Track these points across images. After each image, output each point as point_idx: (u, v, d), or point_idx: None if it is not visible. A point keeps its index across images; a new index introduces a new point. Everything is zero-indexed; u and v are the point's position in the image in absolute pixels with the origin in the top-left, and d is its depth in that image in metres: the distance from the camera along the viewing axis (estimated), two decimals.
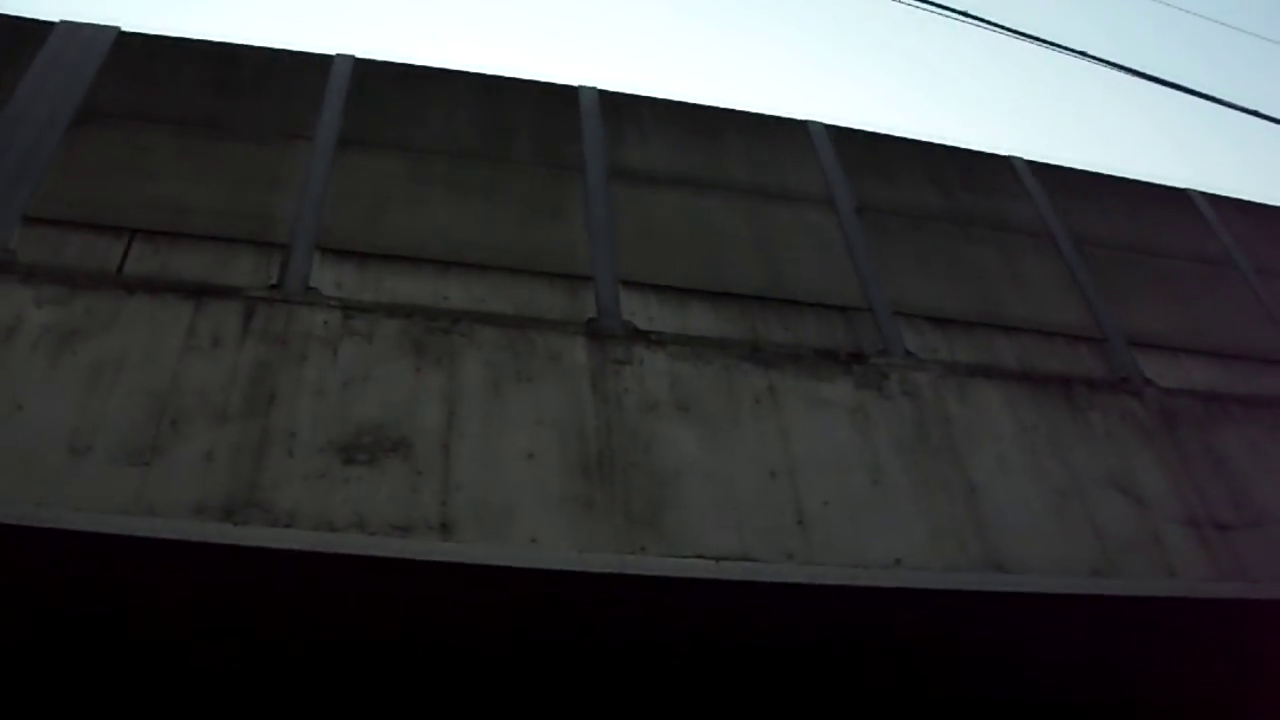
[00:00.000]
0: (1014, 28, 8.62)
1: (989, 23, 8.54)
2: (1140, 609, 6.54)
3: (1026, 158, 9.81)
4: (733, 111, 8.83)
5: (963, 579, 6.08)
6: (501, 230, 7.12)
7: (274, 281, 6.31)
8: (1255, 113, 9.49)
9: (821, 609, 5.93)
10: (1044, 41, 8.68)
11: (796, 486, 6.10)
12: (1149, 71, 9.47)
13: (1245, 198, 11.14)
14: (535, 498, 5.61)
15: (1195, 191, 10.62)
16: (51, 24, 7.60)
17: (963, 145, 9.62)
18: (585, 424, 5.96)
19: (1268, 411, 8.28)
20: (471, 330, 6.23)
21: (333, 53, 8.08)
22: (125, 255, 6.34)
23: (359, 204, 7.04)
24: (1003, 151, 9.81)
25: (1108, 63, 8.81)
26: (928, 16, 8.62)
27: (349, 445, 5.50)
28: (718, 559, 5.65)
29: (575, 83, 8.45)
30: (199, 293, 6.07)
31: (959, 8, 8.91)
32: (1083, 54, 8.84)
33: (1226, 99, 9.67)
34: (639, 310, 6.78)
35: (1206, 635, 6.96)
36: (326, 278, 6.43)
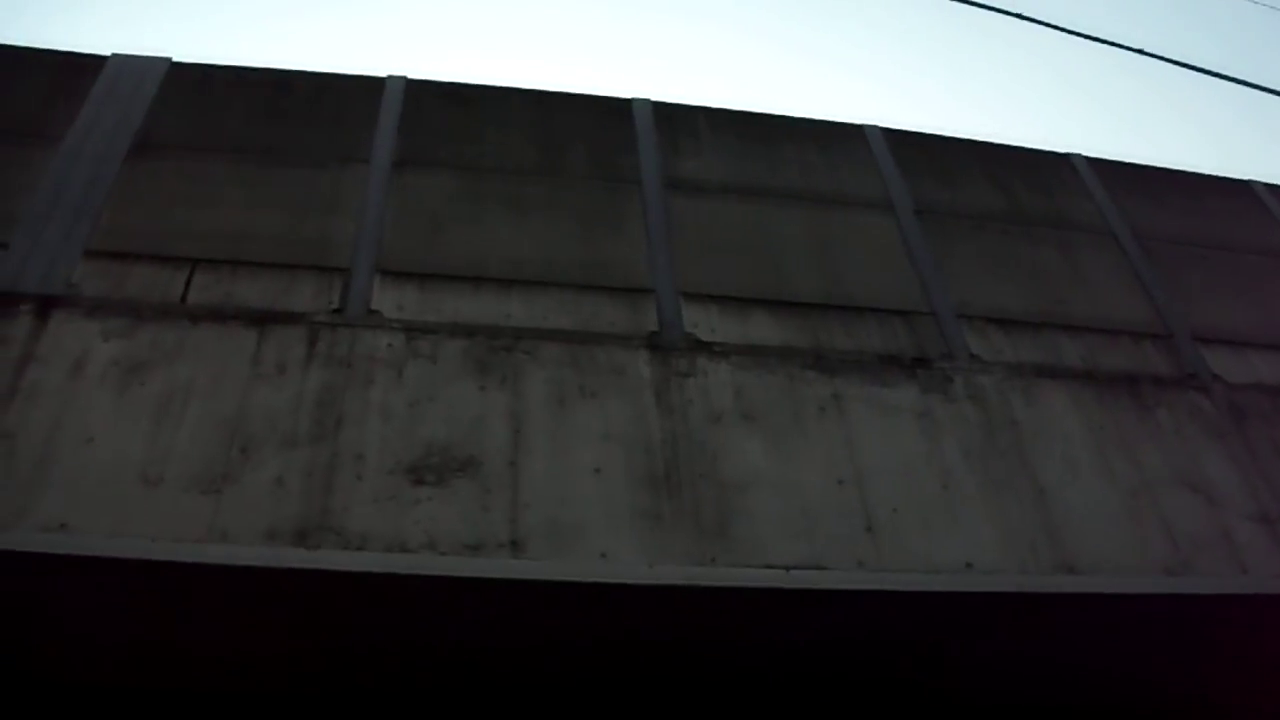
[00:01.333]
0: (1069, 28, 8.58)
1: (1046, 24, 8.51)
2: (1213, 606, 6.52)
3: (1086, 155, 9.78)
4: (786, 118, 8.89)
5: (1035, 581, 6.11)
6: (560, 246, 7.22)
7: (336, 306, 6.45)
8: None
9: (893, 615, 5.98)
10: (1102, 40, 8.66)
11: (865, 494, 6.14)
12: (1203, 65, 9.41)
13: None
14: (603, 512, 5.69)
15: (1258, 183, 10.58)
16: (104, 58, 7.79)
17: (1021, 144, 9.60)
18: (651, 437, 6.03)
19: None
20: (534, 347, 6.34)
21: (384, 74, 8.21)
22: (188, 285, 6.49)
23: (417, 225, 7.17)
24: (1061, 149, 9.77)
25: (1163, 58, 8.77)
26: (971, 15, 8.64)
27: (417, 466, 5.61)
28: (788, 568, 5.71)
29: (628, 95, 8.52)
30: (263, 320, 6.21)
31: (1014, 9, 8.84)
32: (1140, 51, 8.80)
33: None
34: (700, 321, 6.86)
35: (1275, 632, 6.95)
36: (388, 300, 6.55)
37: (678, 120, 8.52)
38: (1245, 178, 10.59)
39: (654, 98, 8.56)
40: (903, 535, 6.06)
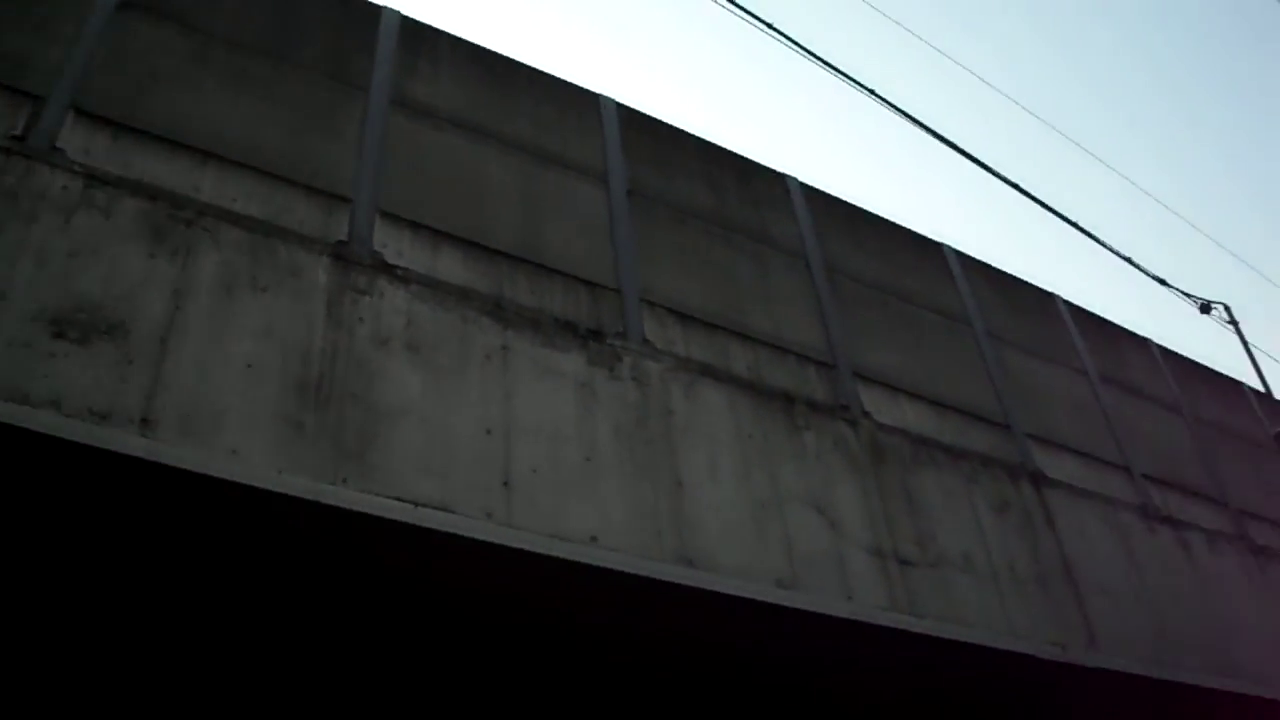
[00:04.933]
0: (817, 52, 9.02)
1: (789, 39, 8.93)
2: (815, 624, 7.02)
3: (801, 179, 10.34)
4: (530, 69, 9.15)
5: (652, 566, 6.56)
6: (270, 132, 7.23)
7: (18, 132, 6.14)
8: (1017, 186, 10.20)
9: (511, 572, 6.24)
10: (838, 71, 9.14)
11: (510, 448, 6.43)
12: (932, 126, 10.08)
13: (995, 263, 11.99)
14: (245, 409, 5.86)
15: (949, 247, 11.49)
16: None
17: (744, 154, 10.04)
18: (312, 345, 6.19)
19: (968, 464, 9.07)
20: (216, 227, 6.39)
21: None
22: None
23: (130, 72, 7.02)
24: (780, 168, 10.26)
25: (890, 104, 9.35)
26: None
27: (62, 319, 5.58)
28: (417, 504, 5.95)
29: (381, 1, 8.44)
30: None
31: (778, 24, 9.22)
32: (871, 92, 9.34)
33: (998, 169, 10.39)
34: (391, 243, 7.02)
35: (869, 659, 7.52)
36: (76, 141, 6.41)
37: (425, 41, 8.60)
38: (940, 239, 11.33)
39: (405, 12, 8.49)
40: (537, 496, 6.40)
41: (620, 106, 9.51)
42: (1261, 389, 13.41)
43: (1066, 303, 12.90)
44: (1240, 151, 59.34)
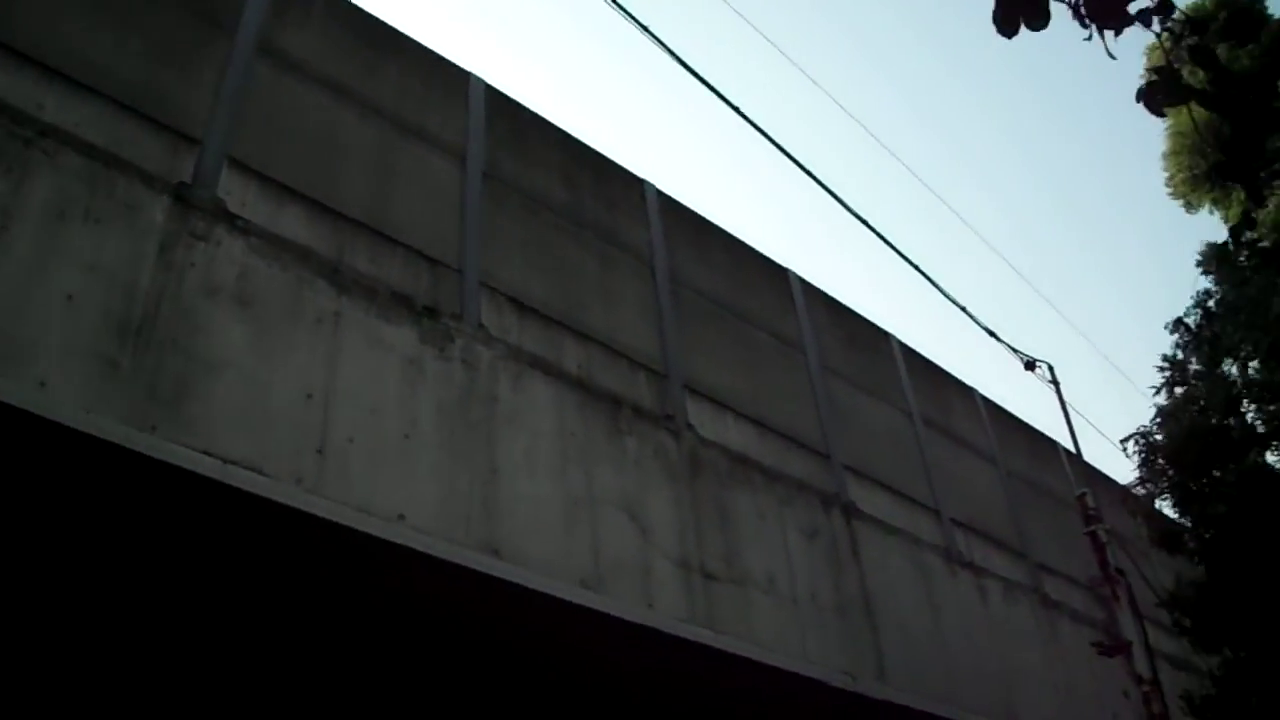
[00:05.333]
0: (692, 69, 9.11)
1: (662, 45, 8.99)
2: (615, 628, 7.09)
3: (659, 187, 10.38)
4: (404, 36, 9.06)
5: (458, 552, 6.57)
6: (126, 58, 6.98)
7: None
8: (865, 222, 10.41)
9: (317, 540, 6.21)
10: (705, 83, 9.24)
11: (329, 415, 6.43)
12: (793, 154, 10.26)
13: (838, 295, 12.22)
14: (60, 342, 5.74)
15: (795, 274, 11.75)
16: None
17: (605, 153, 10.07)
18: (139, 285, 6.09)
19: (784, 488, 9.25)
20: (56, 150, 6.21)
21: None
22: None
23: None
24: (640, 173, 10.33)
25: (751, 123, 9.47)
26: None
27: None
28: (226, 461, 5.86)
29: None
30: None
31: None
32: (737, 110, 9.46)
33: (850, 204, 10.63)
34: (236, 192, 6.93)
35: (665, 668, 7.62)
36: None
37: None
38: (787, 265, 11.52)
39: None
40: (350, 467, 6.42)
41: (489, 89, 9.45)
42: (1073, 449, 13.91)
43: (901, 344, 13.26)
44: (1097, 229, 61.50)
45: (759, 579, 8.66)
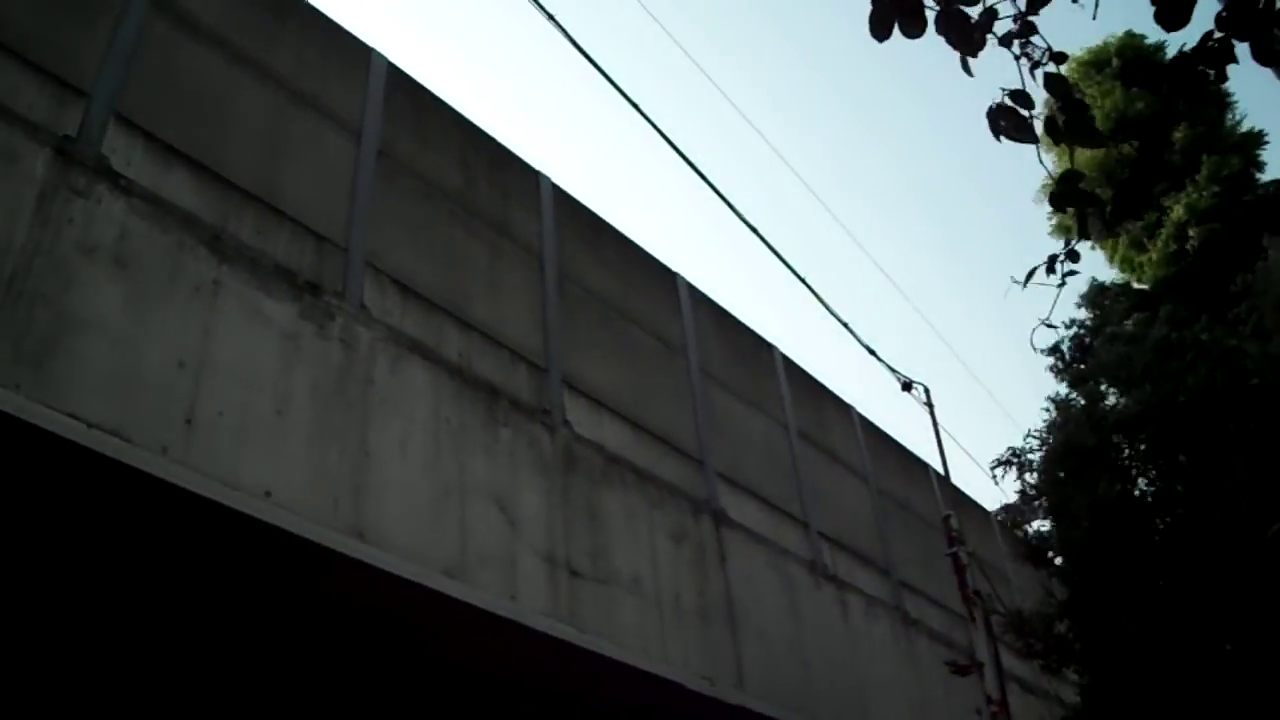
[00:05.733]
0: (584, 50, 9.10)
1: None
2: (478, 619, 7.09)
3: (555, 180, 10.38)
4: (308, 5, 8.88)
5: (323, 533, 6.52)
6: (18, 3, 6.69)
7: None
8: (750, 225, 10.51)
9: (180, 512, 6.10)
10: (606, 77, 9.25)
11: (200, 386, 6.36)
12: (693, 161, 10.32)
13: (725, 304, 12.33)
14: None
15: (683, 279, 11.85)
16: None
17: (504, 142, 10.04)
18: (13, 238, 5.96)
19: (655, 490, 9.31)
20: None
21: None
22: None
23: None
24: (537, 164, 10.33)
25: (644, 115, 9.50)
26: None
27: None
28: (90, 425, 5.72)
29: None
30: None
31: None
32: (635, 106, 9.47)
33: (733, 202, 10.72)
34: (122, 150, 6.77)
35: (526, 662, 7.63)
36: None
37: None
38: (676, 270, 11.57)
39: None
40: (219, 440, 6.35)
41: (391, 66, 9.34)
42: (942, 472, 14.16)
43: (784, 356, 13.41)
44: (980, 256, 62.67)
45: (624, 579, 8.70)
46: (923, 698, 12.40)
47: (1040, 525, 11.35)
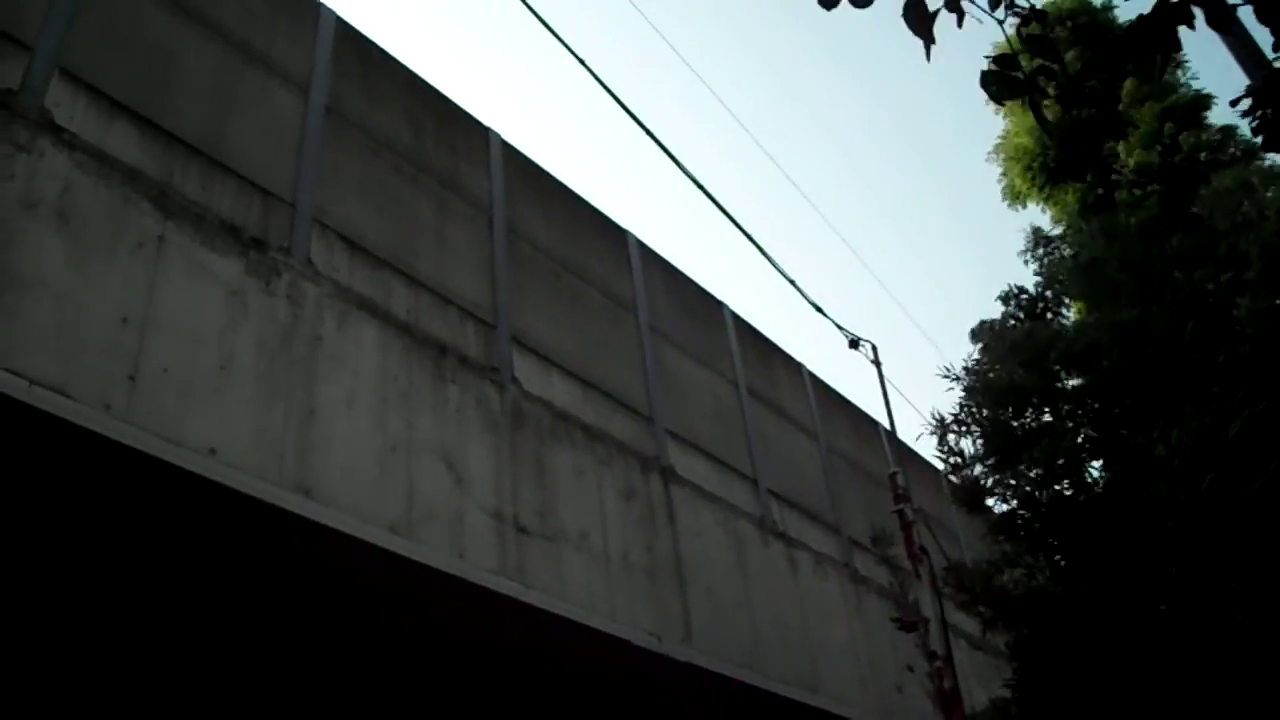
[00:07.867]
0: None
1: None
2: (424, 576, 7.14)
3: (505, 137, 10.40)
4: None
5: (268, 490, 6.55)
6: None
7: None
8: (696, 181, 10.57)
9: (123, 469, 6.09)
10: (555, 35, 9.25)
11: (144, 342, 6.36)
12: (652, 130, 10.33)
13: (675, 261, 12.39)
14: None
15: (633, 236, 11.91)
16: None
17: (453, 98, 10.03)
18: None
19: (604, 447, 9.41)
20: None
21: None
22: None
23: None
24: (487, 121, 10.34)
25: (594, 75, 9.53)
26: None
27: None
28: (32, 382, 5.72)
29: None
30: None
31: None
32: (601, 85, 9.49)
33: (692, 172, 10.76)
34: (65, 103, 6.77)
35: (473, 618, 7.70)
36: None
37: None
38: (627, 228, 11.64)
39: None
40: (162, 397, 6.38)
41: (340, 21, 9.32)
42: (890, 429, 14.33)
43: (734, 314, 13.51)
44: (948, 216, 62.99)
45: (572, 536, 8.80)
46: (871, 654, 12.58)
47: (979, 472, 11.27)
